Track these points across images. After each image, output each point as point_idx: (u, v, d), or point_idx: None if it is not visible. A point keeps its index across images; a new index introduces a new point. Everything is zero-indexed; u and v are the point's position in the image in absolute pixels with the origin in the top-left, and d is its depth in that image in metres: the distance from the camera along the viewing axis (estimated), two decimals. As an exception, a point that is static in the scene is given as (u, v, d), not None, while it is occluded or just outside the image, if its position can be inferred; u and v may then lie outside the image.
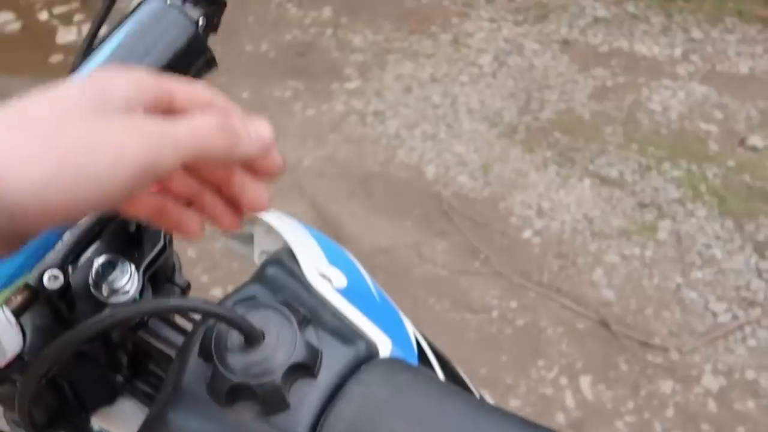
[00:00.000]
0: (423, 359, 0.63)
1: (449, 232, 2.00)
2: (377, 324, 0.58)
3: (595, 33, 2.66)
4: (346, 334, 0.55)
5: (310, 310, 0.56)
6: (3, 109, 0.32)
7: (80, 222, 0.57)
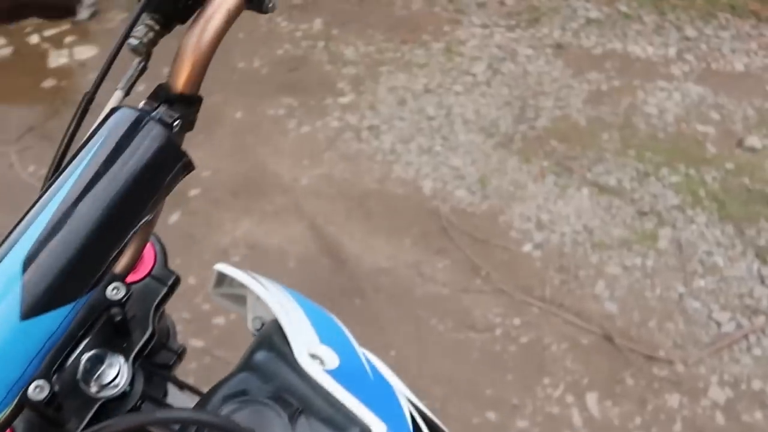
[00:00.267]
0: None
1: (449, 250, 1.99)
2: (371, 407, 0.58)
3: (588, 35, 2.65)
4: (339, 421, 0.55)
5: (301, 399, 0.56)
6: None
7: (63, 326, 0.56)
